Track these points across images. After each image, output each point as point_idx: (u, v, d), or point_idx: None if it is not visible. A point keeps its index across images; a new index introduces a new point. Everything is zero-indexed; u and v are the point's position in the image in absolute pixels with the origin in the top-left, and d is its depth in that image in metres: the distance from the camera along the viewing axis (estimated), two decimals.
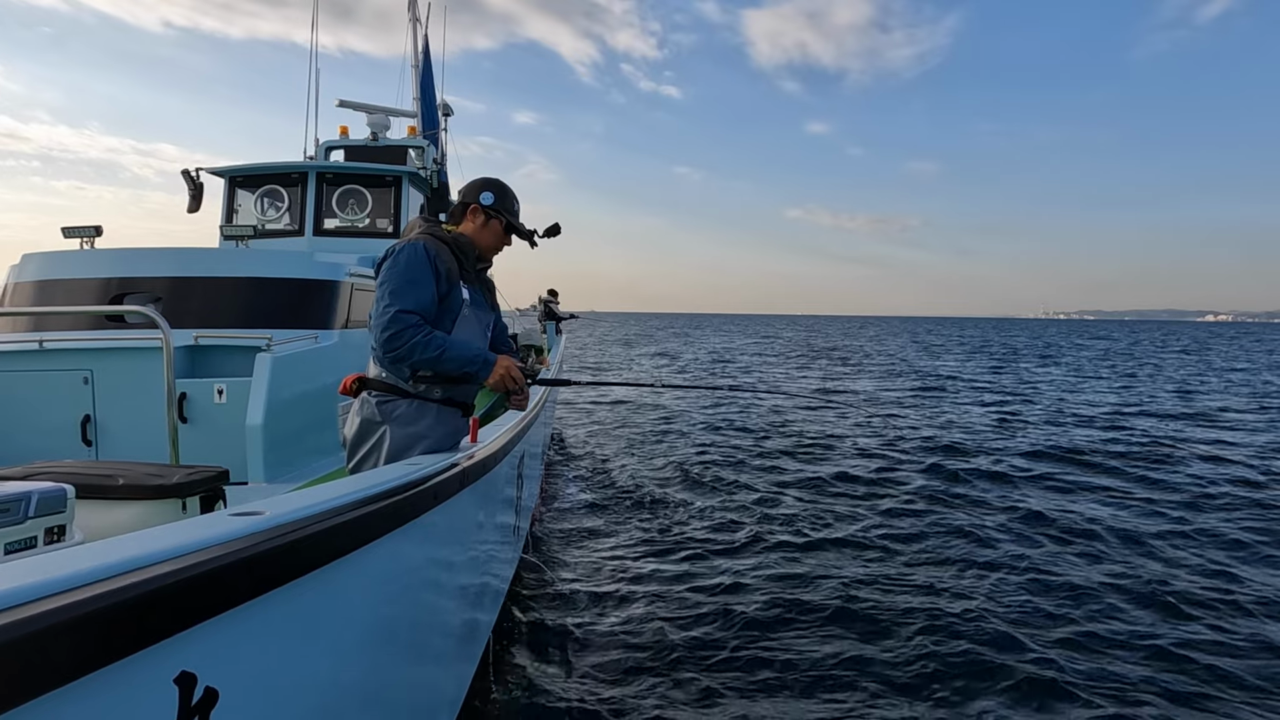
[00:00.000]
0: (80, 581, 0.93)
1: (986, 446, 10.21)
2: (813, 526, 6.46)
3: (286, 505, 1.39)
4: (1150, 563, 5.55)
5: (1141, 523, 6.57)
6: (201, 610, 1.09)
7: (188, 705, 1.09)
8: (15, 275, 5.07)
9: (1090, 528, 6.32)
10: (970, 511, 6.89)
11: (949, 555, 5.67)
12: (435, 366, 2.49)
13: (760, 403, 14.68)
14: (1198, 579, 5.23)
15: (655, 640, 4.25)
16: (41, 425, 4.47)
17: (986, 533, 6.18)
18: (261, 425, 4.18)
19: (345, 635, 1.61)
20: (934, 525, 6.45)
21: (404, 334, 2.40)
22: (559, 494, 7.74)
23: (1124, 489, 7.89)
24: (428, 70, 10.45)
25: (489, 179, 2.87)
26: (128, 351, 4.50)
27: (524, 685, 3.73)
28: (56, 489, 2.04)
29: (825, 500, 7.40)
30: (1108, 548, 5.86)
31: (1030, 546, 5.90)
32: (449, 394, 2.64)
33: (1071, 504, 7.20)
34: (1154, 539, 6.08)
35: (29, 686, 0.84)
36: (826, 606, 4.66)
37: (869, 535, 6.15)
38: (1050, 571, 5.33)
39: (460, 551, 2.70)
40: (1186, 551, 5.82)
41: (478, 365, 2.52)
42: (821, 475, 8.38)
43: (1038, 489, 7.89)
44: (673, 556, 5.71)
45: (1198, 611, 4.67)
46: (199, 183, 6.99)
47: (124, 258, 4.89)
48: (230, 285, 4.95)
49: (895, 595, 4.87)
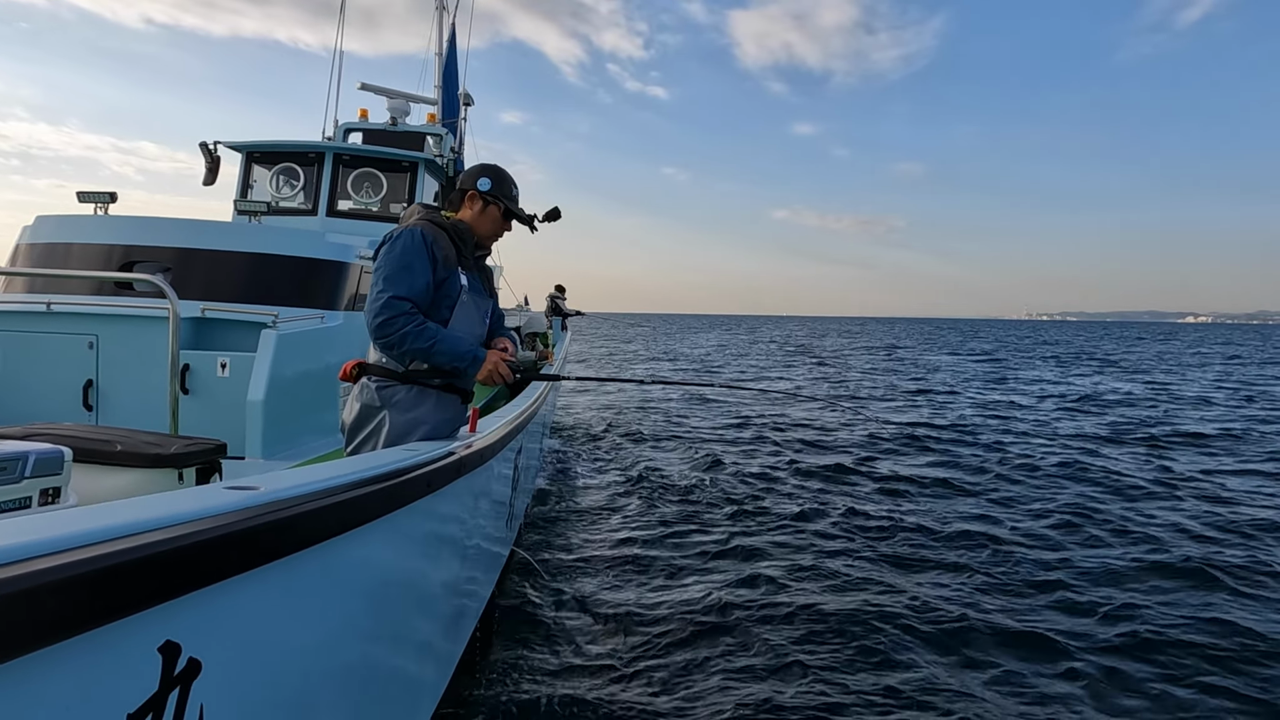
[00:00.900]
0: (71, 544, 0.93)
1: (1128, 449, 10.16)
2: (811, 520, 6.44)
3: (282, 482, 1.39)
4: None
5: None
6: (190, 581, 1.09)
7: (170, 675, 1.09)
8: (27, 236, 5.08)
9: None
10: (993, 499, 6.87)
11: (959, 542, 5.65)
12: (425, 358, 2.51)
13: (748, 402, 14.71)
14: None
15: (645, 632, 4.24)
16: (44, 387, 4.48)
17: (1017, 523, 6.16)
18: (262, 401, 4.19)
19: (332, 615, 1.61)
20: (936, 516, 6.43)
21: (396, 321, 2.41)
22: (556, 485, 7.74)
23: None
24: (452, 59, 10.47)
25: (486, 165, 2.88)
26: (134, 319, 4.52)
27: (509, 674, 3.73)
28: (54, 451, 2.04)
29: (828, 494, 7.38)
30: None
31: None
32: (448, 380, 2.64)
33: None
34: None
35: (13, 644, 0.84)
36: (825, 603, 4.65)
37: (873, 529, 6.14)
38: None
39: (453, 539, 2.70)
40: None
41: (467, 362, 2.55)
42: (826, 472, 8.36)
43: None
44: (668, 550, 5.70)
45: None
46: (216, 156, 7.01)
47: (136, 226, 4.91)
48: (240, 260, 4.97)
49: (894, 590, 4.86)
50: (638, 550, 5.82)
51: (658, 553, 5.78)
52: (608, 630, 4.37)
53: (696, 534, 6.30)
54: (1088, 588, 5.17)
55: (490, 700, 3.52)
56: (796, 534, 6.40)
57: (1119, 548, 6.06)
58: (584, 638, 4.25)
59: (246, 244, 5.03)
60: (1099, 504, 7.39)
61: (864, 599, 4.94)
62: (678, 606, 4.68)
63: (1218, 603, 4.93)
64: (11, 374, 4.46)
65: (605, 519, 6.73)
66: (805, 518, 6.87)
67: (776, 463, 9.43)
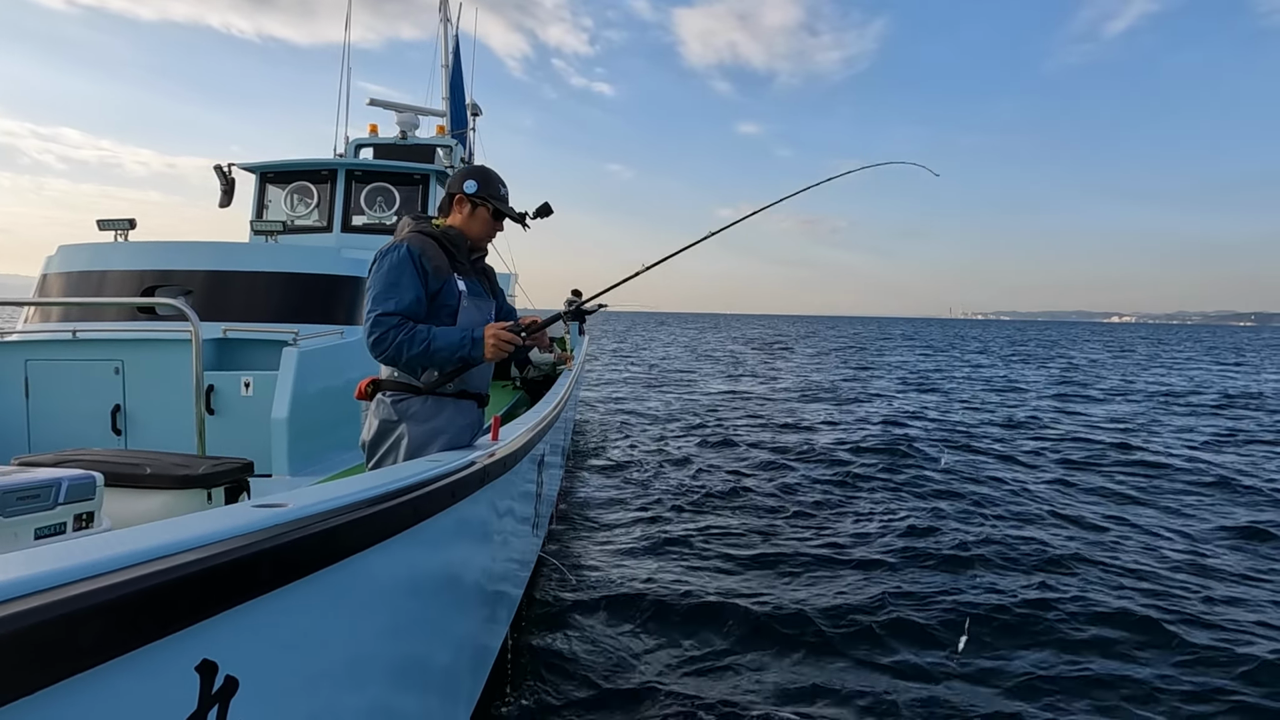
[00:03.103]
0: (107, 568, 0.95)
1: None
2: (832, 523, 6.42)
3: (309, 498, 1.41)
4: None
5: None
6: (224, 600, 1.10)
7: (208, 693, 1.10)
8: (53, 266, 5.18)
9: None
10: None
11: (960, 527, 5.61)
12: (428, 361, 2.47)
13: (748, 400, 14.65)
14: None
15: (674, 642, 4.24)
16: (73, 413, 4.56)
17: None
18: (287, 419, 4.23)
19: (364, 628, 1.62)
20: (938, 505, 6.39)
21: (387, 335, 2.40)
22: (579, 488, 7.75)
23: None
24: (457, 71, 10.54)
25: (471, 167, 2.84)
26: (158, 343, 4.58)
27: (542, 678, 3.74)
28: (86, 476, 2.08)
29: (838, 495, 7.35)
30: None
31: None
32: (462, 386, 2.63)
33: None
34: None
35: (56, 669, 0.85)
36: (858, 622, 4.63)
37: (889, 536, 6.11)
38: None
39: (480, 548, 2.71)
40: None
41: (468, 346, 2.47)
42: (831, 470, 8.33)
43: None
44: (697, 556, 5.69)
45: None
46: (231, 178, 7.10)
47: (157, 251, 4.99)
48: (259, 280, 5.03)
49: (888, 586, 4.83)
50: (670, 556, 5.81)
51: (692, 559, 5.76)
52: (638, 632, 4.36)
53: (732, 539, 6.29)
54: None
55: (525, 707, 3.52)
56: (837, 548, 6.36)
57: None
58: (614, 641, 4.24)
59: (265, 264, 5.09)
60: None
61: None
62: (711, 615, 4.65)
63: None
64: (42, 402, 4.54)
65: (634, 521, 6.73)
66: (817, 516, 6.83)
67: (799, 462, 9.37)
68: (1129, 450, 10.06)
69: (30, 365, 4.58)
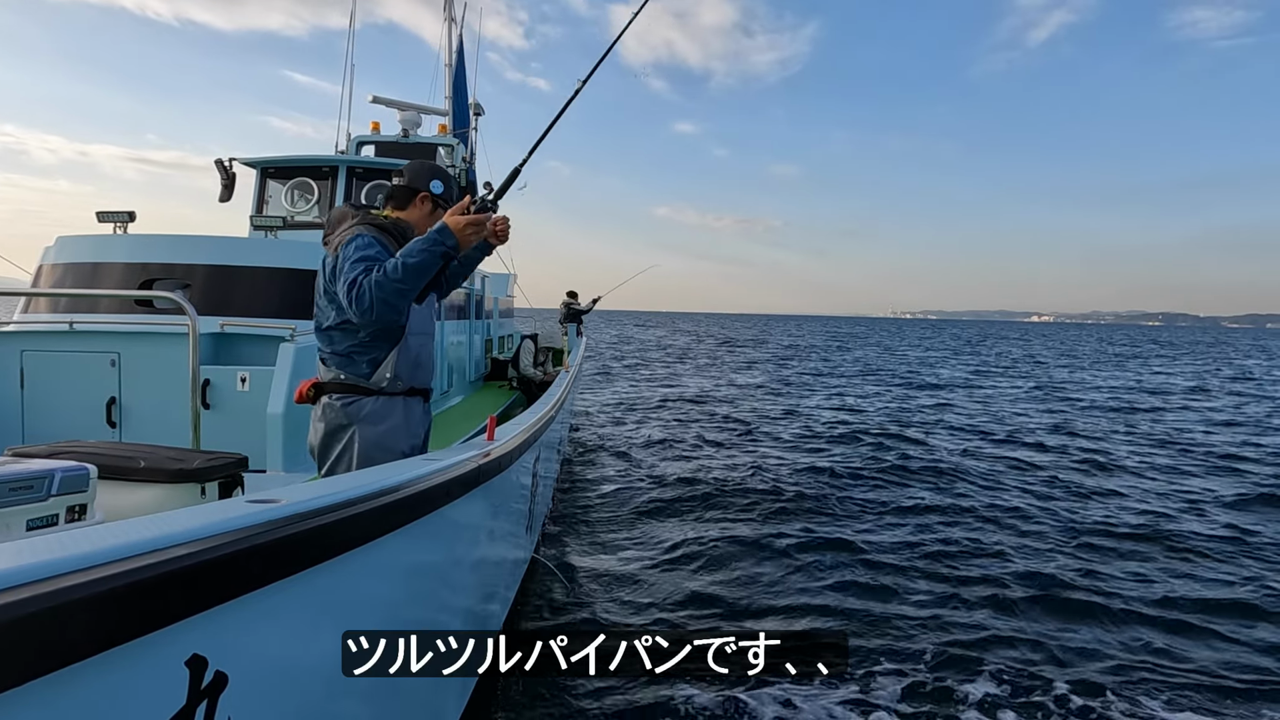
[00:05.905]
0: (99, 560, 0.95)
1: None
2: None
3: (303, 494, 1.41)
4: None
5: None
6: (215, 595, 1.10)
7: (197, 688, 1.10)
8: (51, 256, 5.17)
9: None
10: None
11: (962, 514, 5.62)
12: (412, 280, 2.33)
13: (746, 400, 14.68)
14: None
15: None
16: (68, 405, 4.55)
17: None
18: (282, 414, 4.22)
19: (355, 626, 1.62)
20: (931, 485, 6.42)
21: (360, 285, 2.29)
22: (576, 488, 7.75)
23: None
24: (461, 70, 10.54)
25: (435, 166, 2.78)
26: (154, 336, 4.57)
27: (533, 681, 3.74)
28: (79, 468, 2.07)
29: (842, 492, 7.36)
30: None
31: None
32: (410, 383, 2.58)
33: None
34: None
35: (46, 660, 0.85)
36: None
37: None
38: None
39: (473, 547, 2.71)
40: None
41: (441, 244, 2.37)
42: (834, 467, 8.34)
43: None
44: (695, 556, 5.69)
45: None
46: (232, 173, 7.09)
47: (155, 244, 4.98)
48: (257, 275, 5.02)
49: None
50: (665, 555, 5.81)
51: (684, 561, 5.76)
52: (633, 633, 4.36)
53: (722, 528, 6.29)
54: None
55: (515, 708, 3.52)
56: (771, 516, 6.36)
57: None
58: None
59: (264, 259, 5.08)
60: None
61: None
62: (706, 604, 4.66)
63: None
64: (37, 393, 4.52)
65: (628, 521, 6.73)
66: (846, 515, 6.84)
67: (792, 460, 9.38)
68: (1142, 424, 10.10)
69: (26, 356, 4.57)
